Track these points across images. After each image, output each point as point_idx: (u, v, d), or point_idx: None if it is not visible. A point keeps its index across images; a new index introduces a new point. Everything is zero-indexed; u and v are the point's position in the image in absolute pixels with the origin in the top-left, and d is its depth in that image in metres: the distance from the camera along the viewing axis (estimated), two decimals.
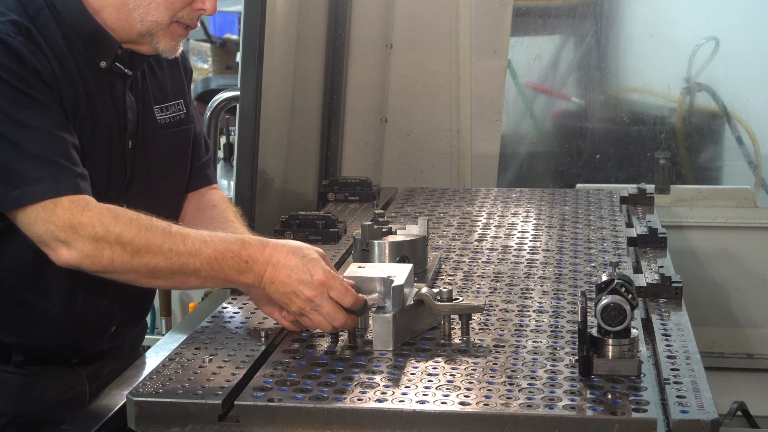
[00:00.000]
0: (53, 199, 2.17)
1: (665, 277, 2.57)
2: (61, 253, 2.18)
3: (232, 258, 2.21)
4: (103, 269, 2.20)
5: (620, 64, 4.98)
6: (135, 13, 2.35)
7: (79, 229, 2.17)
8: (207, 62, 8.92)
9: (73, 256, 2.18)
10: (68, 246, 2.17)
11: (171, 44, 2.40)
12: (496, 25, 4.43)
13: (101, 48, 2.37)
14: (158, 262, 2.19)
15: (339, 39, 4.21)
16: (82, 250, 2.17)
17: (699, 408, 1.89)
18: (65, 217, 2.17)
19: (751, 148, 4.78)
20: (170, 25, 2.37)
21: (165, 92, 2.59)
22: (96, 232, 2.17)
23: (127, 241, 2.18)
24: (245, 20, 3.44)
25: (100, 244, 2.17)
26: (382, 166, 4.43)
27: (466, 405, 1.91)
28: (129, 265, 2.19)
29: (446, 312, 2.26)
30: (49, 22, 2.30)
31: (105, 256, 2.18)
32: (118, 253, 2.18)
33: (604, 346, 2.04)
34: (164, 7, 2.34)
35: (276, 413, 1.93)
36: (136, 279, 2.24)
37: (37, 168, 2.19)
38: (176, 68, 2.64)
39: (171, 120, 2.57)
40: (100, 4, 2.35)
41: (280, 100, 3.81)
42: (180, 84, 2.64)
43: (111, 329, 2.53)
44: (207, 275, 2.23)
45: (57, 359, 2.50)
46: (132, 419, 1.97)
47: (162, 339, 2.57)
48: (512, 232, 3.18)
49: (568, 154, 4.90)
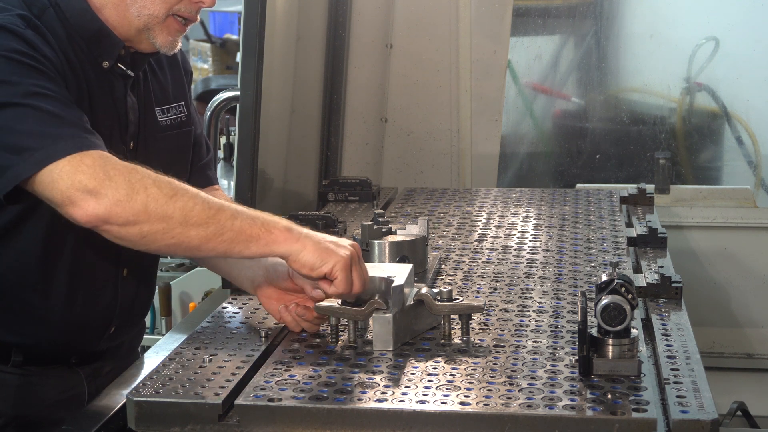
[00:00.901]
0: (80, 153, 2.10)
1: (665, 277, 2.57)
2: (88, 205, 2.07)
3: (268, 217, 2.20)
4: (134, 216, 2.09)
5: (620, 64, 4.98)
6: (132, 8, 2.35)
7: (112, 174, 2.09)
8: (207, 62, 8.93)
9: (103, 205, 2.07)
10: (97, 195, 2.07)
11: (168, 39, 2.39)
12: (496, 25, 4.43)
13: (104, 47, 2.37)
14: (195, 205, 2.12)
15: (339, 39, 4.21)
16: (113, 196, 2.07)
17: (699, 408, 1.89)
18: (95, 165, 2.09)
19: (751, 148, 4.78)
20: (167, 19, 2.36)
21: (166, 94, 2.59)
22: (130, 178, 2.10)
23: (164, 183, 2.12)
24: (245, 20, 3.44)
25: (134, 188, 2.09)
26: (382, 166, 4.43)
27: (466, 405, 1.91)
28: (164, 210, 2.09)
29: (446, 312, 2.26)
30: (53, 21, 2.31)
31: (139, 200, 2.08)
32: (154, 195, 2.09)
33: (604, 346, 2.04)
34: (160, 1, 2.34)
35: (276, 413, 1.93)
36: (165, 229, 2.11)
37: (59, 128, 2.12)
38: (177, 70, 2.64)
39: (172, 121, 2.58)
40: (101, 2, 2.35)
41: (280, 100, 3.82)
42: (181, 86, 2.65)
43: (110, 329, 2.53)
44: (242, 225, 2.14)
45: (56, 359, 2.50)
46: (132, 419, 1.97)
47: (162, 339, 2.57)
48: (512, 232, 3.18)
49: (568, 154, 4.91)
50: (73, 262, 2.39)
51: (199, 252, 2.17)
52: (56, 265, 2.37)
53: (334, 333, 2.24)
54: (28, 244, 2.32)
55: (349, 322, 2.23)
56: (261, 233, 2.16)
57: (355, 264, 2.20)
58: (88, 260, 2.41)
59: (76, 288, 2.41)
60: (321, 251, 2.18)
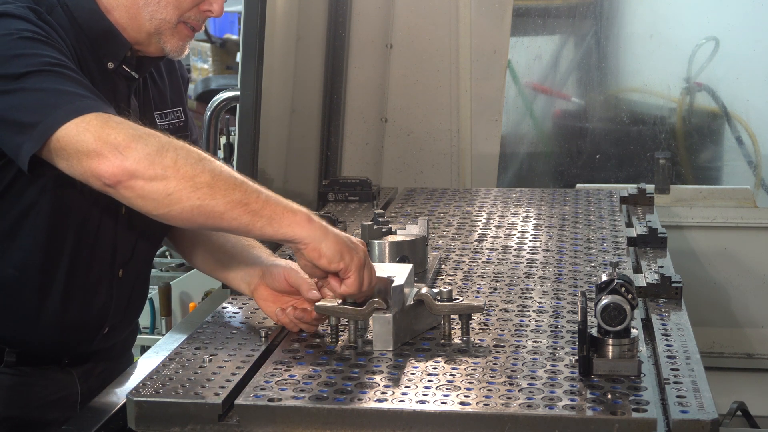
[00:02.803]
0: (106, 113, 2.09)
1: (665, 277, 2.57)
2: (114, 159, 2.03)
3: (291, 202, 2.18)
4: (163, 170, 2.05)
5: (620, 64, 4.99)
6: (144, 11, 2.36)
7: (141, 132, 2.07)
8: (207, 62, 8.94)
9: (132, 158, 2.03)
10: (125, 150, 2.04)
11: (178, 44, 2.41)
12: (496, 25, 4.43)
13: (111, 48, 2.38)
14: (223, 170, 2.10)
15: (339, 39, 4.21)
16: (143, 150, 2.04)
17: (699, 408, 1.89)
18: (123, 123, 2.08)
19: (751, 148, 4.79)
20: (177, 25, 2.39)
21: (164, 99, 2.60)
22: (159, 138, 2.09)
23: (192, 149, 2.11)
24: (245, 20, 3.44)
25: (164, 146, 2.07)
26: (382, 166, 4.43)
27: (466, 405, 1.91)
28: (192, 169, 2.06)
29: (446, 312, 2.26)
30: (61, 19, 2.32)
31: (168, 156, 2.06)
32: (184, 154, 2.08)
33: (604, 346, 2.04)
34: (173, 6, 2.35)
35: (276, 413, 1.93)
36: (192, 187, 2.07)
37: (83, 90, 2.13)
38: (175, 76, 2.66)
39: (170, 127, 2.58)
40: (112, 4, 2.37)
41: (280, 100, 3.82)
42: (178, 92, 2.66)
43: (104, 330, 2.53)
44: (268, 200, 2.12)
45: (49, 359, 2.49)
46: (132, 419, 1.97)
47: (162, 339, 2.56)
48: (512, 232, 3.18)
49: (568, 154, 4.91)
50: (71, 262, 2.39)
51: (222, 221, 2.11)
52: (56, 264, 2.37)
53: (334, 333, 2.24)
54: (30, 244, 2.32)
55: (349, 322, 2.23)
56: (285, 213, 2.14)
57: (367, 265, 2.21)
58: (85, 260, 2.41)
59: (72, 288, 2.41)
60: (341, 246, 2.17)
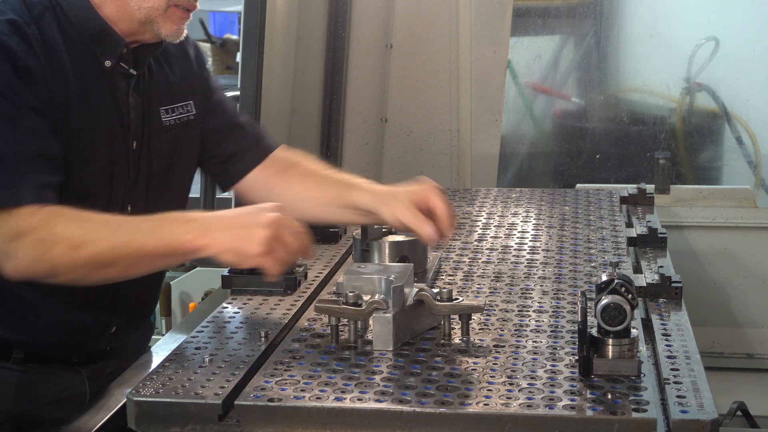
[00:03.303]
0: (9, 209, 2.15)
1: (665, 277, 2.57)
2: (8, 266, 2.15)
3: (173, 221, 2.16)
4: (50, 271, 2.15)
5: (620, 64, 4.99)
6: (132, 2, 2.35)
7: (25, 235, 2.14)
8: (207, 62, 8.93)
9: (20, 266, 2.14)
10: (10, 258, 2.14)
11: (173, 28, 2.39)
12: (496, 25, 4.43)
13: (107, 46, 2.37)
14: (100, 247, 2.14)
15: (339, 39, 4.21)
16: (24, 257, 2.14)
17: (699, 408, 1.89)
18: (14, 227, 2.14)
19: (751, 148, 4.79)
20: (168, 9, 2.37)
21: (173, 93, 2.56)
22: (40, 235, 2.14)
23: (67, 237, 2.13)
24: (245, 20, 3.45)
25: (45, 246, 2.13)
26: (382, 166, 4.44)
27: (466, 405, 1.91)
28: (74, 261, 2.14)
29: (446, 312, 2.26)
30: (53, 22, 2.31)
31: (47, 259, 2.13)
32: (59, 251, 2.13)
33: (604, 346, 2.04)
34: None
35: (276, 413, 1.93)
36: (85, 275, 2.18)
37: None
38: (188, 67, 2.63)
39: (177, 121, 2.55)
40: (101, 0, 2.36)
41: (280, 100, 3.82)
42: (191, 82, 2.62)
43: (111, 329, 2.53)
44: (155, 247, 2.14)
45: (57, 358, 2.50)
46: (132, 419, 1.97)
47: (162, 339, 2.57)
48: (512, 232, 3.18)
49: (568, 154, 4.91)
50: None
51: (130, 276, 2.23)
52: None
53: (334, 333, 2.24)
54: None
55: (349, 322, 2.23)
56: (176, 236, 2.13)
57: (278, 239, 2.14)
58: None
59: (74, 287, 2.41)
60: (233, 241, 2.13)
